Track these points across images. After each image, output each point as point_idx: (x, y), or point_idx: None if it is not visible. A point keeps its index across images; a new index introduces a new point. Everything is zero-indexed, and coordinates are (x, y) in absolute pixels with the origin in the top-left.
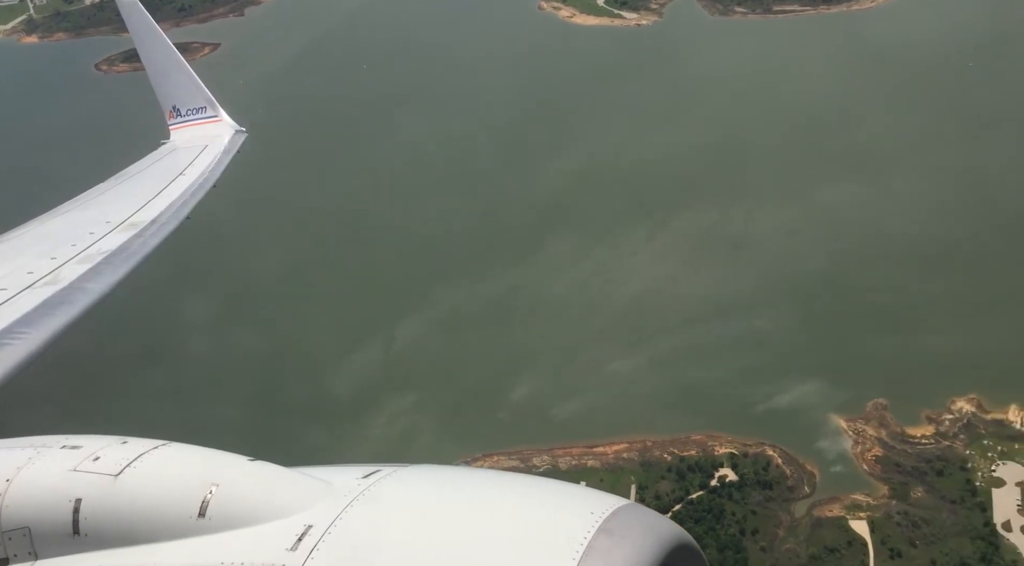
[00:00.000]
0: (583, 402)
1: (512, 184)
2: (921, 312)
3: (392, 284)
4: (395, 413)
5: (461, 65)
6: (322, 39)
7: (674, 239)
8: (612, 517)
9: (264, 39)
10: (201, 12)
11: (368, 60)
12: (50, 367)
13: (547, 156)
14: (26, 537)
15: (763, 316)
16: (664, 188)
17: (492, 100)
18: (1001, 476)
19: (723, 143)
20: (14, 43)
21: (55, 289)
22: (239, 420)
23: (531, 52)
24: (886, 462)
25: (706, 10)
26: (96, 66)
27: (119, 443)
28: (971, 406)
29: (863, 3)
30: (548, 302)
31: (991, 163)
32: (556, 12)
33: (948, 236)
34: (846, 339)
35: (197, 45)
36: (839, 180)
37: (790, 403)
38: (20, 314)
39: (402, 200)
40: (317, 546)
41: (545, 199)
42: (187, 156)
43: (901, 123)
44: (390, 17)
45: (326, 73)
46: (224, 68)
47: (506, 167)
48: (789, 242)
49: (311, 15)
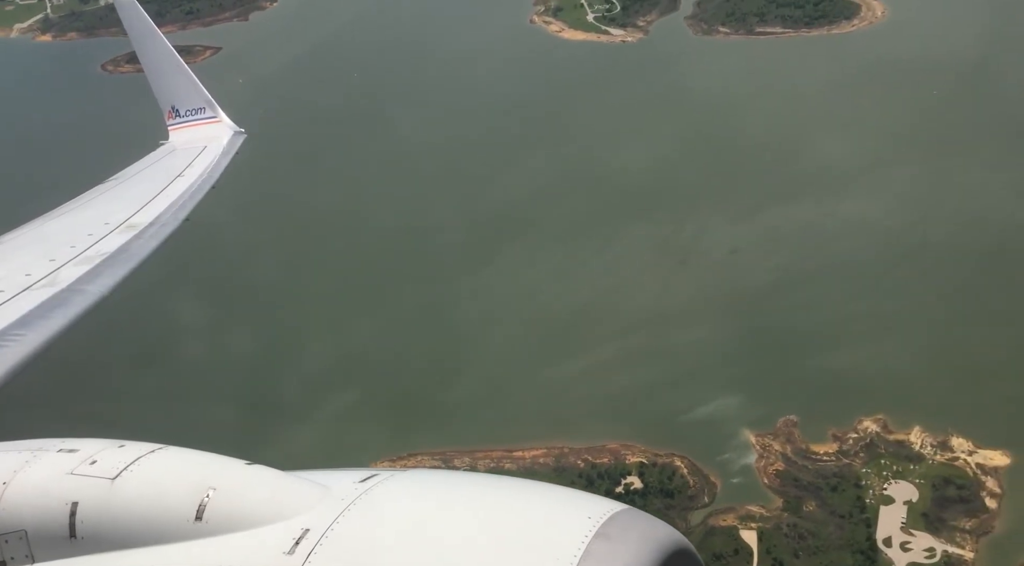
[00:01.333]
0: (512, 407)
1: (480, 191)
2: (844, 332)
3: (352, 285)
4: (333, 412)
5: (446, 71)
6: (318, 46)
7: (626, 251)
8: (610, 522)
9: (264, 44)
10: (207, 16)
11: (360, 67)
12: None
13: (516, 165)
14: (22, 540)
15: (696, 330)
16: (623, 200)
17: (469, 108)
18: (891, 494)
19: (684, 159)
20: (28, 41)
21: (53, 291)
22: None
23: (513, 64)
24: (785, 476)
25: (691, 29)
26: (102, 66)
27: (116, 447)
28: (876, 426)
29: (843, 27)
30: (496, 308)
31: (938, 189)
32: (546, 26)
33: (882, 259)
34: (770, 356)
35: (199, 48)
36: (789, 201)
37: (707, 416)
38: (18, 316)
39: (381, 202)
40: (314, 550)
41: (509, 207)
42: (186, 157)
43: (857, 147)
44: (385, 27)
45: (319, 77)
46: (222, 70)
47: (475, 175)
48: (732, 259)
49: (312, 22)
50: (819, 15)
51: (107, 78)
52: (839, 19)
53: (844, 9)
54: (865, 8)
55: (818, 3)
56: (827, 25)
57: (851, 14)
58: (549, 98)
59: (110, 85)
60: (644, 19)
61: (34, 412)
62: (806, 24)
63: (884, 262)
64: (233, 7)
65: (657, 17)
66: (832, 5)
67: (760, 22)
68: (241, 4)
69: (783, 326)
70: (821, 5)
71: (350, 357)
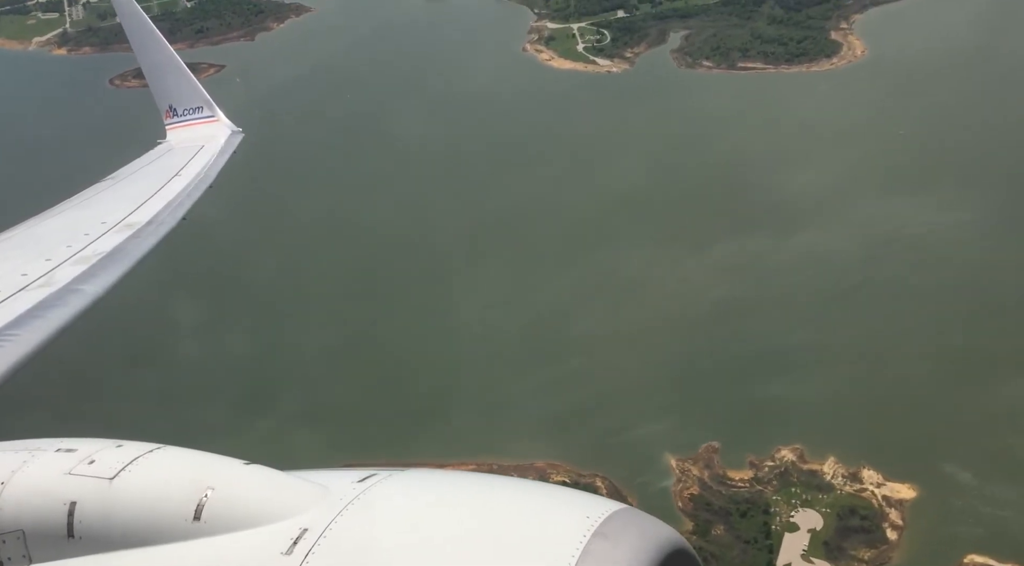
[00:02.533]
0: (450, 424)
1: (450, 212)
2: (777, 363)
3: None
4: (279, 420)
5: (433, 94)
6: (316, 67)
7: (579, 277)
8: (608, 521)
9: (266, 63)
10: (216, 35)
11: (356, 87)
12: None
13: (489, 187)
14: (20, 540)
15: (636, 355)
16: (584, 228)
17: (444, 133)
18: (797, 522)
19: (651, 188)
20: (44, 55)
21: (50, 291)
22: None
23: (498, 90)
24: (699, 500)
25: (676, 62)
26: (110, 81)
27: (114, 446)
28: (793, 455)
29: (823, 64)
30: (448, 327)
31: (889, 228)
32: (537, 55)
33: (825, 293)
34: (705, 383)
35: (204, 65)
36: (745, 233)
37: (634, 439)
38: (14, 316)
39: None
40: (312, 549)
41: (477, 230)
42: (183, 156)
43: (818, 182)
44: (384, 52)
45: (311, 97)
46: (223, 84)
47: (449, 196)
48: (681, 288)
49: (314, 43)
50: (800, 53)
51: (114, 92)
52: (819, 57)
53: (825, 47)
54: (846, 47)
55: (801, 41)
56: (807, 62)
57: (832, 52)
58: (526, 125)
59: (114, 98)
60: (632, 51)
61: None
62: (786, 61)
63: (827, 296)
64: (241, 27)
65: (645, 49)
66: (814, 44)
67: (743, 57)
68: (249, 25)
69: (721, 354)
70: (804, 43)
71: (301, 369)
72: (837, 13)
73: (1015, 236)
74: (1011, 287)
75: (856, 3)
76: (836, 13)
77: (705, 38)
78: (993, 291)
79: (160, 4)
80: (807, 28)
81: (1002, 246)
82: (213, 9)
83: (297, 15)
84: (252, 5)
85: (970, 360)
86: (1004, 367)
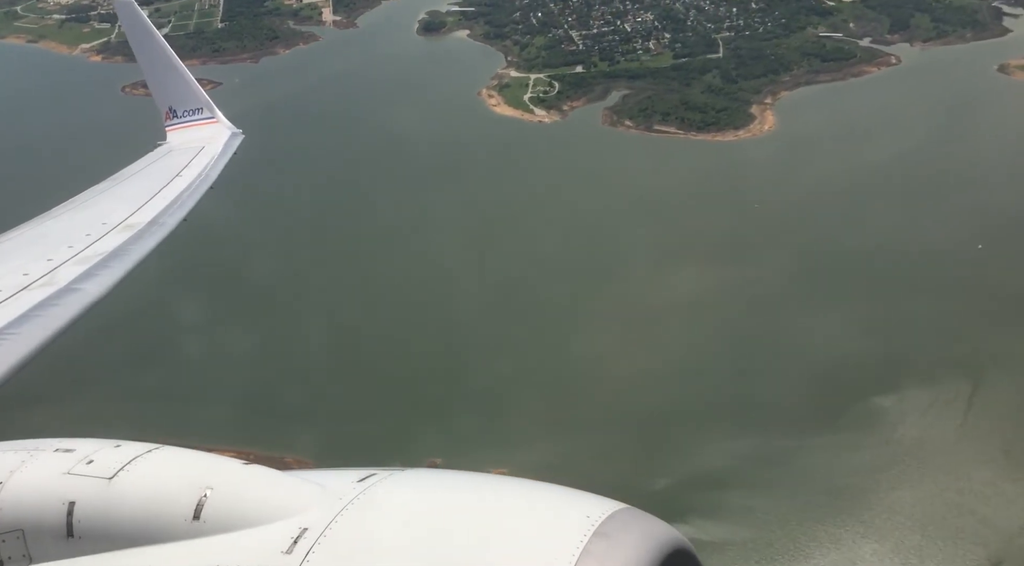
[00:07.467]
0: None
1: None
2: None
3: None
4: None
5: (366, 125)
6: (284, 96)
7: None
8: (608, 521)
9: (256, 85)
10: (228, 54)
11: (295, 121)
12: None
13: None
14: (19, 539)
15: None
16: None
17: (350, 157)
18: None
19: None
20: (82, 60)
21: (51, 290)
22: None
23: (431, 128)
24: None
25: (603, 119)
26: (122, 88)
27: (113, 446)
28: None
29: (727, 135)
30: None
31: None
32: (487, 100)
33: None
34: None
35: (204, 81)
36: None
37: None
38: (16, 315)
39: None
40: (312, 549)
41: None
42: (184, 157)
43: (643, 254)
44: (353, 84)
45: (252, 123)
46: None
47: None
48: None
49: (300, 74)
50: (712, 122)
51: (124, 99)
52: (727, 128)
53: (738, 119)
54: (759, 121)
55: (720, 111)
56: (715, 131)
57: (741, 125)
58: (426, 157)
59: (123, 104)
60: (571, 104)
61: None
62: (697, 128)
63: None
64: (252, 50)
65: (583, 104)
66: (729, 115)
67: (661, 121)
68: (259, 48)
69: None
70: (721, 113)
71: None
72: (769, 88)
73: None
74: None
75: (791, 81)
76: (768, 88)
77: (639, 99)
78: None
79: (196, 24)
80: (733, 99)
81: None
82: (239, 31)
83: (306, 43)
84: (270, 31)
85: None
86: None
